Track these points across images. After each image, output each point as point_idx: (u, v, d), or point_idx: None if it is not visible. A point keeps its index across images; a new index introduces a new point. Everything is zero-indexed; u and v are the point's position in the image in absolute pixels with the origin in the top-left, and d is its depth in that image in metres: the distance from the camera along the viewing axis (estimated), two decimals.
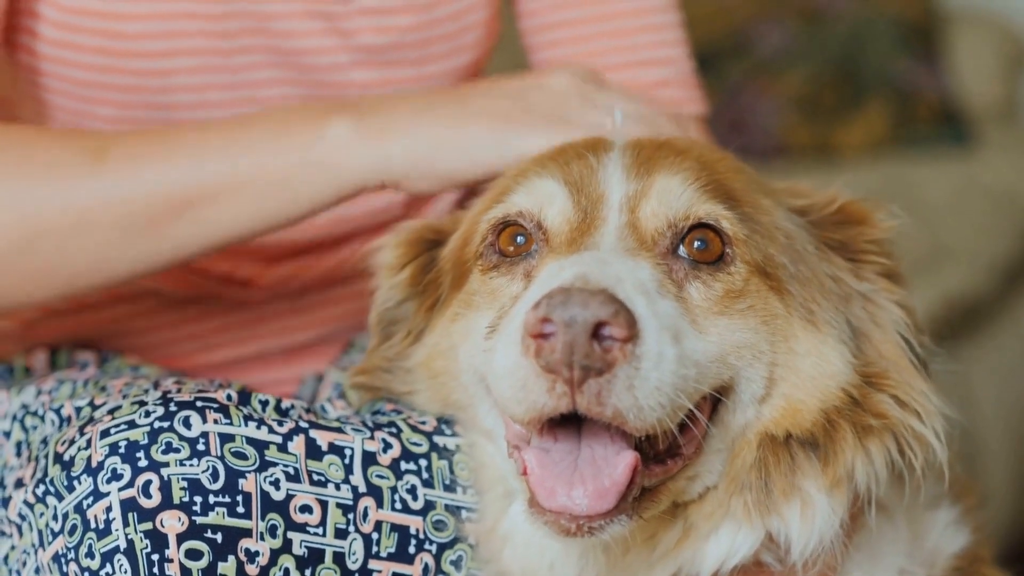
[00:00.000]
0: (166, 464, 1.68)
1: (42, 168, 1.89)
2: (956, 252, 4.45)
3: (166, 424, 1.70)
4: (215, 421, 1.71)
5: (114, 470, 1.68)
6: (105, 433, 1.71)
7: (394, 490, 1.76)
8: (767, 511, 1.68)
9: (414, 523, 1.76)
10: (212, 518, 1.67)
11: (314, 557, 1.71)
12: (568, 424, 1.61)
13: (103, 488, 1.68)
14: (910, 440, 1.71)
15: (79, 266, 1.90)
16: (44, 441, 1.83)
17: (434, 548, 1.77)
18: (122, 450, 1.69)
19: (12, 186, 1.88)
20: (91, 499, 1.69)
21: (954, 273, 4.36)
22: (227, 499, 1.68)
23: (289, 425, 1.75)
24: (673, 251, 1.69)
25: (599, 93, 1.95)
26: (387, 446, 1.77)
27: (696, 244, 1.69)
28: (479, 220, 1.79)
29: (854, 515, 1.74)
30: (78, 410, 1.83)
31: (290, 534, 1.70)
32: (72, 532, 1.69)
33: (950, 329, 4.06)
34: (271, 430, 1.73)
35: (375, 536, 1.74)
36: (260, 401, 1.78)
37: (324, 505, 1.72)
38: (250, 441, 1.71)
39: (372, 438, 1.77)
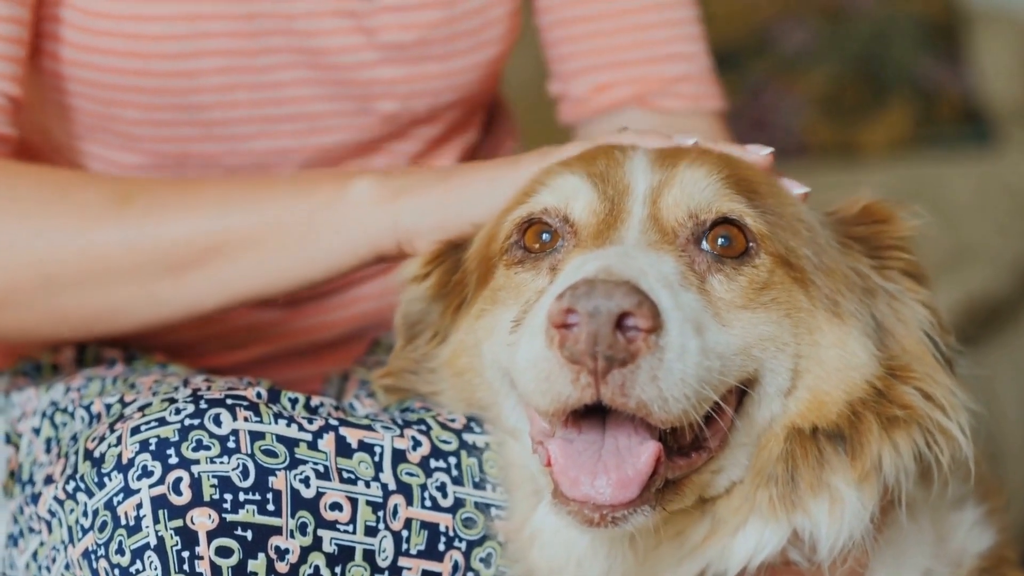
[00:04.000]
0: (196, 461, 1.68)
1: (66, 210, 1.91)
2: (978, 251, 4.43)
3: (196, 421, 1.70)
4: (245, 419, 1.71)
5: (145, 467, 1.69)
6: (136, 430, 1.71)
7: (424, 487, 1.76)
8: (793, 506, 1.68)
9: (444, 520, 1.76)
10: (242, 516, 1.67)
11: (344, 555, 1.71)
12: (593, 416, 1.61)
13: (134, 485, 1.69)
14: (935, 434, 1.71)
15: (96, 310, 1.92)
16: (74, 438, 1.84)
17: (464, 546, 1.77)
18: (152, 447, 1.69)
19: (35, 225, 1.90)
20: (121, 496, 1.69)
21: (976, 272, 4.34)
22: (257, 497, 1.68)
23: (319, 423, 1.75)
24: (696, 243, 1.69)
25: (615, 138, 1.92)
26: (417, 444, 1.77)
27: (720, 241, 1.69)
28: (504, 220, 1.80)
29: (884, 510, 1.74)
30: (108, 407, 1.84)
31: (320, 532, 1.70)
32: (102, 529, 1.70)
33: (972, 329, 4.05)
34: (301, 428, 1.73)
35: (405, 533, 1.74)
36: (290, 399, 1.78)
37: (354, 503, 1.73)
38: (280, 439, 1.72)
39: (402, 436, 1.78)
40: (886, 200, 1.82)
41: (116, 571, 1.68)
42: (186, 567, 1.66)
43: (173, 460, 1.68)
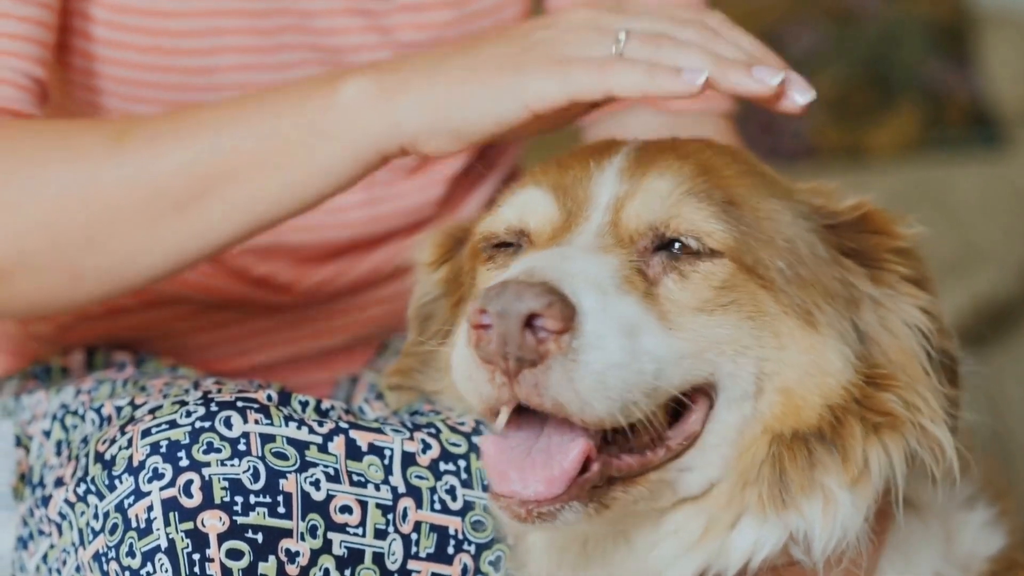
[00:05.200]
0: (207, 464, 1.68)
1: (67, 156, 1.86)
2: (986, 254, 4.43)
3: (207, 424, 1.70)
4: (256, 421, 1.71)
5: (155, 469, 1.69)
6: (146, 432, 1.71)
7: (433, 491, 1.76)
8: (785, 505, 1.68)
9: (453, 523, 1.76)
10: (253, 518, 1.67)
11: (354, 557, 1.71)
12: (533, 415, 1.63)
13: (144, 487, 1.69)
14: (921, 440, 1.71)
15: (109, 262, 1.87)
16: (84, 440, 1.84)
17: (473, 548, 1.77)
18: (163, 449, 1.69)
19: (38, 179, 1.85)
20: (132, 498, 1.69)
21: (983, 274, 4.35)
22: (268, 499, 1.68)
23: (329, 426, 1.75)
24: (653, 250, 1.70)
25: (612, 17, 1.83)
26: (426, 447, 1.78)
27: (677, 246, 1.70)
28: (482, 219, 1.83)
29: (882, 513, 1.74)
30: (119, 409, 1.84)
31: (330, 534, 1.70)
32: (113, 531, 1.70)
33: (980, 331, 4.05)
34: (311, 431, 1.74)
35: (414, 536, 1.74)
36: (300, 402, 1.78)
37: (364, 505, 1.73)
38: (291, 441, 1.72)
39: (411, 439, 1.78)
40: (887, 210, 1.81)
41: (127, 573, 1.68)
42: (197, 570, 1.66)
43: (184, 462, 1.68)
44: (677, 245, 1.69)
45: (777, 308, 1.69)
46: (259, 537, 1.67)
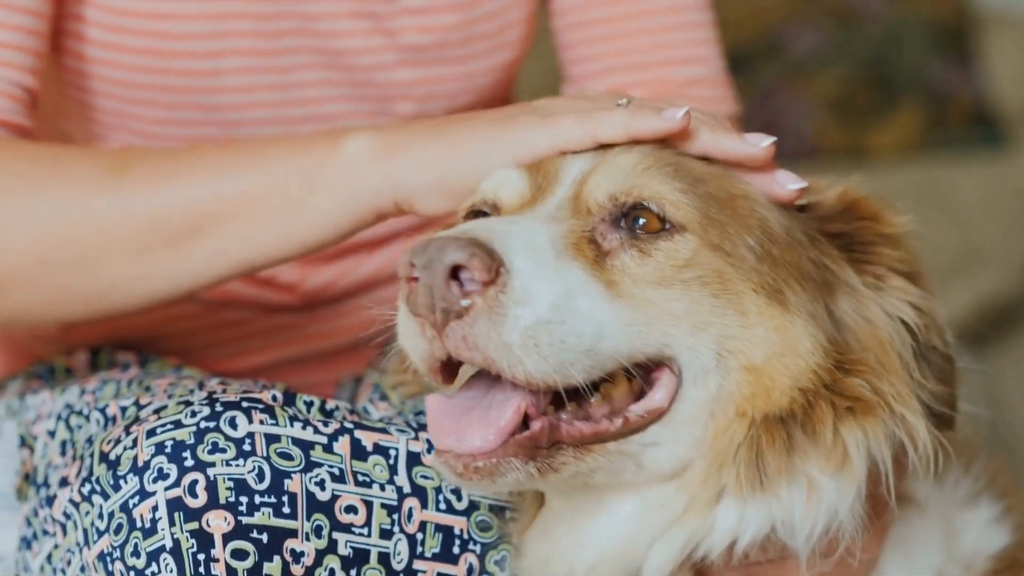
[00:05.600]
0: (212, 464, 1.68)
1: (62, 183, 1.89)
2: (988, 254, 4.43)
3: (212, 424, 1.70)
4: (261, 422, 1.72)
5: (160, 469, 1.69)
6: (151, 433, 1.71)
7: (438, 490, 1.77)
8: (762, 487, 1.67)
9: (458, 523, 1.77)
10: (258, 518, 1.68)
11: (359, 557, 1.72)
12: (485, 379, 1.66)
13: (149, 487, 1.69)
14: (899, 429, 1.70)
15: (97, 287, 1.90)
16: (89, 440, 1.84)
17: (478, 548, 1.77)
18: (168, 450, 1.70)
19: (32, 202, 1.88)
20: (137, 498, 1.69)
21: (986, 275, 4.35)
22: (273, 499, 1.68)
23: (334, 426, 1.75)
24: (613, 222, 1.70)
25: (610, 97, 1.90)
26: (431, 447, 1.78)
27: (639, 221, 1.70)
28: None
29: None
30: (123, 410, 1.84)
31: (335, 534, 1.71)
32: (118, 531, 1.70)
33: (982, 332, 4.05)
34: (316, 431, 1.74)
35: (420, 536, 1.75)
36: (305, 402, 1.78)
37: (369, 505, 1.73)
38: (296, 442, 1.72)
39: (416, 438, 1.78)
40: (874, 196, 1.81)
41: (132, 573, 1.68)
42: (202, 569, 1.66)
43: (189, 462, 1.68)
44: (641, 222, 1.69)
45: (745, 286, 1.69)
46: (264, 537, 1.67)
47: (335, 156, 1.83)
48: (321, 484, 1.71)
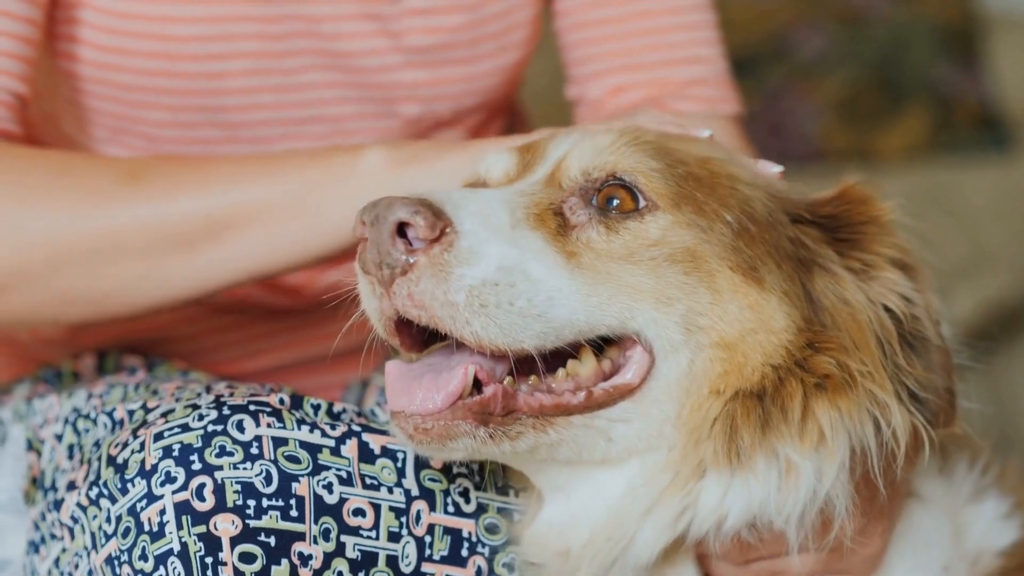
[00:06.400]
0: (220, 467, 1.68)
1: (74, 191, 1.90)
2: (996, 257, 4.43)
3: (219, 428, 1.70)
4: (268, 425, 1.72)
5: (168, 473, 1.69)
6: (159, 436, 1.72)
7: (446, 493, 1.76)
8: (739, 461, 1.67)
9: (467, 526, 1.76)
10: (266, 521, 1.67)
11: (367, 560, 1.71)
12: (447, 349, 1.68)
13: (157, 491, 1.69)
14: (871, 408, 1.69)
15: (108, 290, 1.91)
16: (97, 444, 1.84)
17: (487, 551, 1.77)
18: (176, 453, 1.70)
19: (42, 208, 1.88)
20: (145, 502, 1.69)
21: (993, 278, 4.34)
22: (280, 502, 1.68)
23: (342, 429, 1.75)
24: (584, 198, 1.72)
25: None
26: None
27: (612, 200, 1.71)
28: None
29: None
30: (131, 413, 1.84)
31: (343, 537, 1.70)
32: (125, 535, 1.70)
33: (989, 334, 4.05)
34: (324, 434, 1.74)
35: (428, 539, 1.74)
36: (312, 405, 1.78)
37: (377, 508, 1.73)
38: (303, 445, 1.72)
39: None
40: (864, 183, 1.82)
41: None
42: (209, 573, 1.66)
43: (196, 466, 1.68)
44: (615, 202, 1.71)
45: (720, 264, 1.69)
46: (272, 540, 1.67)
47: (354, 167, 1.87)
48: (329, 487, 1.71)
